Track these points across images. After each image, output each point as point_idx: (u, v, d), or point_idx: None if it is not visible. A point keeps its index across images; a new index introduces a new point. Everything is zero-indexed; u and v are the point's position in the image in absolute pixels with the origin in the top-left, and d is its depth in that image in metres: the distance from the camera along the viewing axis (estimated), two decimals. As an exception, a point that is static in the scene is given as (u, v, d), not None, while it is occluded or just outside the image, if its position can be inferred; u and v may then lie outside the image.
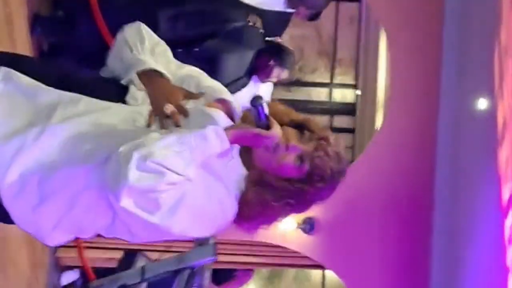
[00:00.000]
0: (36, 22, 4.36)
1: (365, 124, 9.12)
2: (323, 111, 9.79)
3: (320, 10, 4.55)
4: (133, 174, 1.57)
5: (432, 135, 5.75)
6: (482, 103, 5.26)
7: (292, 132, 1.85)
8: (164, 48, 1.97)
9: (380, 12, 6.32)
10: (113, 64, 1.92)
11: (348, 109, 9.69)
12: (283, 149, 1.80)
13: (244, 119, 1.89)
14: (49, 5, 4.64)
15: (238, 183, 1.82)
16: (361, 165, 6.08)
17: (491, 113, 5.03)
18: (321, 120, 9.82)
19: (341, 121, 9.87)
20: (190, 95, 1.85)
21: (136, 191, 1.59)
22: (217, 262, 2.91)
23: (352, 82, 9.74)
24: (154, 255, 3.88)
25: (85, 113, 1.70)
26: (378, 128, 7.91)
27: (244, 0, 4.16)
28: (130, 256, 3.64)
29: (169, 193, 1.62)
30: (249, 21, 4.12)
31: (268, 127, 1.74)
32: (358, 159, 6.40)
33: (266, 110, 1.74)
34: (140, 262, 3.38)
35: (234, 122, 1.86)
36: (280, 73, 4.52)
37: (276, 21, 4.40)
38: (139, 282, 3.27)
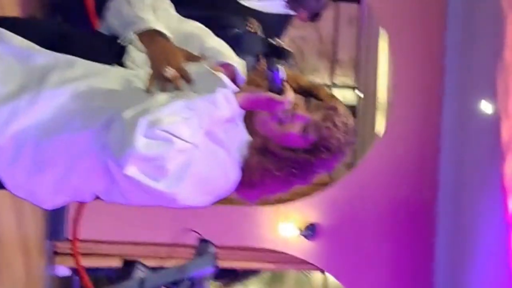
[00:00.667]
0: None
1: (366, 126, 9.06)
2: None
3: (320, 11, 4.47)
4: (140, 142, 1.48)
5: (435, 140, 5.71)
6: (486, 106, 5.20)
7: (299, 99, 1.75)
8: (166, 3, 1.86)
9: (380, 12, 6.26)
10: (111, 20, 1.80)
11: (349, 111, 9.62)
12: (289, 117, 1.71)
13: (250, 82, 1.77)
14: (46, 9, 4.54)
15: (241, 149, 1.74)
16: (363, 171, 6.03)
17: (496, 117, 4.97)
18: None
19: (341, 122, 9.81)
20: (192, 57, 1.73)
21: (142, 159, 1.50)
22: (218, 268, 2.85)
23: (352, 83, 9.70)
24: (153, 261, 3.80)
25: (82, 76, 1.60)
26: (379, 130, 7.86)
27: (244, 3, 4.10)
28: (128, 265, 3.56)
29: (176, 160, 1.54)
30: (249, 27, 4.05)
31: (281, 91, 1.65)
32: (360, 164, 6.34)
33: (283, 75, 1.64)
34: (139, 272, 3.31)
35: (237, 88, 1.71)
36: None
37: (276, 24, 4.34)
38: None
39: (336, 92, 9.79)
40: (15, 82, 1.56)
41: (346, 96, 9.88)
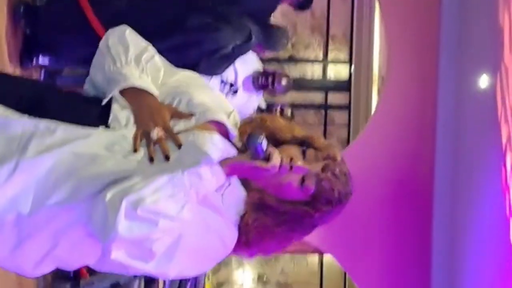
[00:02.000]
0: (20, 10, 4.12)
1: (360, 100, 9.03)
2: (318, 88, 9.71)
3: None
4: (123, 225, 1.42)
5: (432, 113, 5.64)
6: (483, 79, 5.14)
7: (295, 150, 1.68)
8: (151, 54, 1.74)
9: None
10: (94, 75, 1.72)
11: (343, 86, 9.58)
12: (287, 169, 1.61)
13: (243, 128, 1.72)
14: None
15: (237, 207, 1.66)
16: (358, 148, 5.97)
17: (493, 89, 4.92)
18: (316, 97, 9.82)
19: (336, 97, 9.78)
20: (179, 115, 1.65)
21: (128, 242, 1.44)
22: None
23: (346, 58, 9.64)
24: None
25: (64, 142, 1.51)
26: (374, 106, 7.80)
27: None
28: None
29: (162, 241, 1.48)
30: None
31: (267, 158, 1.57)
32: (355, 140, 6.28)
33: (265, 145, 1.57)
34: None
35: (230, 141, 1.67)
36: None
37: (264, 7, 4.30)
38: (132, 280, 3.16)
39: (330, 67, 9.73)
40: None
41: (340, 71, 9.82)
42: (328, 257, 10.51)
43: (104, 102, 1.62)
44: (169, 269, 1.53)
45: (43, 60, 4.30)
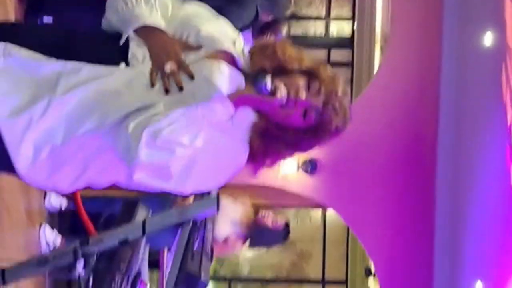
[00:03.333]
0: None
1: (363, 58, 9.00)
2: (320, 45, 9.67)
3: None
4: (144, 153, 1.64)
5: (435, 71, 5.64)
6: (487, 37, 5.14)
7: (301, 80, 1.82)
8: None
9: None
10: (110, 17, 1.86)
11: (346, 43, 9.54)
12: (292, 103, 1.78)
13: (256, 57, 1.86)
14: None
15: (247, 125, 1.83)
16: (362, 105, 5.99)
17: (498, 43, 4.91)
18: (318, 55, 9.79)
19: (338, 55, 9.76)
20: (189, 47, 1.81)
21: (148, 166, 1.67)
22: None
23: (349, 15, 9.58)
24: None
25: (88, 80, 1.69)
26: (377, 63, 7.79)
27: None
28: (130, 206, 3.58)
29: (178, 164, 1.69)
30: None
31: (273, 93, 1.75)
32: (358, 99, 6.30)
33: (269, 84, 1.73)
34: (140, 213, 3.32)
35: (239, 70, 1.83)
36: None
37: None
38: (140, 237, 3.23)
39: (333, 24, 9.68)
40: (27, 93, 1.67)
41: (342, 28, 9.78)
42: (331, 213, 10.61)
43: (122, 41, 1.78)
44: (185, 186, 1.74)
45: (47, 19, 4.32)
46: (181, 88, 1.73)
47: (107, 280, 3.00)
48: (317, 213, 12.04)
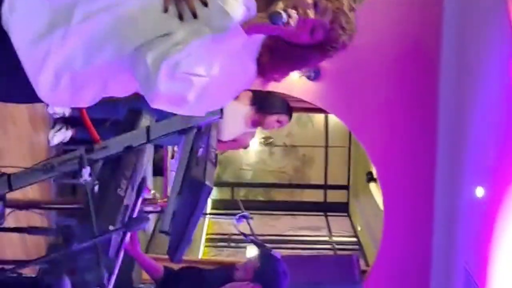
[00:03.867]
0: None
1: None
2: None
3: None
4: (163, 84, 1.70)
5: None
6: None
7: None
8: None
9: None
10: None
11: None
12: (301, 22, 1.80)
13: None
14: None
15: (257, 47, 1.88)
16: (365, 10, 5.87)
17: None
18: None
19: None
20: None
21: (166, 95, 1.73)
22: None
23: None
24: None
25: (104, 8, 1.71)
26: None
27: None
28: (133, 114, 3.57)
29: (195, 90, 1.75)
30: None
31: (287, 23, 1.75)
32: (362, 3, 6.16)
33: (285, 19, 1.72)
34: (144, 121, 3.31)
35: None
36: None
37: None
38: (145, 143, 3.24)
39: None
40: (44, 22, 1.68)
41: None
42: (333, 119, 10.63)
43: None
44: (199, 110, 1.83)
45: None
46: (194, 15, 1.74)
47: (112, 187, 3.03)
48: (319, 118, 12.08)
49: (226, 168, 12.84)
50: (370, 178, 10.61)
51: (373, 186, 10.61)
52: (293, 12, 1.74)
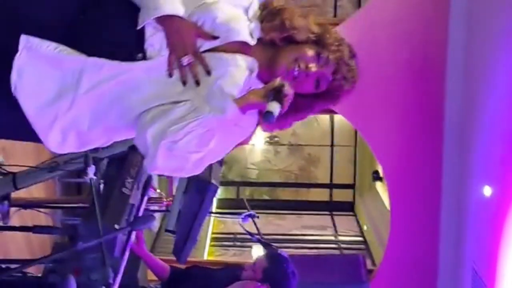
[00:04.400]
0: None
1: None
2: None
3: None
4: (161, 161, 1.77)
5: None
6: None
7: (310, 51, 1.91)
8: None
9: None
10: None
11: None
12: (303, 74, 1.88)
13: (264, 22, 1.93)
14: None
15: None
16: (371, 10, 5.87)
17: None
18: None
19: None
20: (205, 36, 1.86)
21: (165, 168, 1.81)
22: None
23: None
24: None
25: (110, 78, 1.78)
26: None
27: None
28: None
29: (192, 162, 1.82)
30: None
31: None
32: (367, 4, 6.15)
33: (276, 114, 1.78)
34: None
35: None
36: None
37: None
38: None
39: None
40: (52, 89, 1.78)
41: None
42: (339, 117, 10.61)
43: (139, 27, 1.82)
44: (198, 171, 1.85)
45: None
46: (197, 83, 1.81)
47: (117, 185, 3.01)
48: (324, 117, 12.06)
49: (231, 167, 12.84)
50: (376, 177, 10.58)
51: (379, 185, 10.58)
52: (289, 89, 1.80)
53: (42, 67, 1.78)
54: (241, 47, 1.88)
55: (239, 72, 1.85)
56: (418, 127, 5.99)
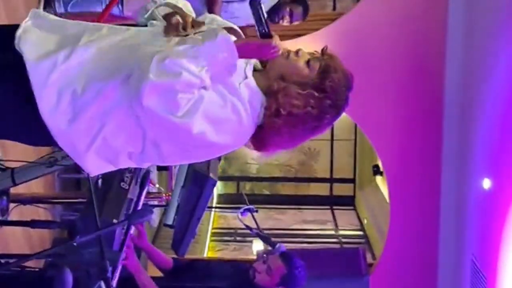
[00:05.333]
0: None
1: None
2: None
3: None
4: (153, 73, 1.74)
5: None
6: None
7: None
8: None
9: None
10: None
11: None
12: (294, 54, 1.97)
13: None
14: None
15: (255, 99, 1.95)
16: (370, 3, 5.84)
17: None
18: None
19: None
20: (197, 23, 1.99)
21: (156, 91, 1.75)
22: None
23: None
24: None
25: (109, 35, 1.90)
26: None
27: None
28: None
29: (186, 94, 1.77)
30: None
31: (270, 36, 1.88)
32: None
33: (264, 12, 1.87)
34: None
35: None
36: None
37: None
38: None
39: None
40: (53, 44, 1.87)
41: None
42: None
43: (146, 16, 2.04)
44: (191, 123, 1.79)
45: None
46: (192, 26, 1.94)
47: (116, 181, 3.01)
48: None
49: (231, 162, 12.83)
50: (376, 171, 10.57)
51: (379, 179, 10.58)
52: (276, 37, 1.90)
53: (46, 28, 1.91)
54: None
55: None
56: (418, 121, 5.98)
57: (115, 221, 2.70)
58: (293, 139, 2.02)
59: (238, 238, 10.56)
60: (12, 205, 3.88)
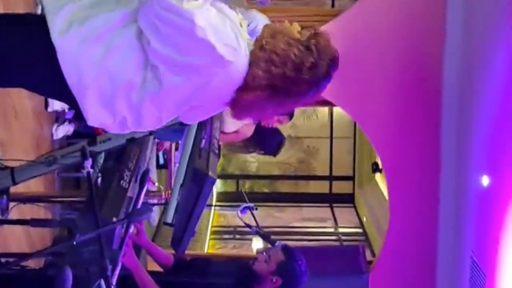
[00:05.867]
0: None
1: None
2: None
3: None
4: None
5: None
6: None
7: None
8: None
9: None
10: None
11: None
12: (287, 23, 2.11)
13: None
14: None
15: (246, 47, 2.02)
16: (372, 2, 5.85)
17: None
18: None
19: None
20: None
21: None
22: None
23: None
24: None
25: None
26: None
27: None
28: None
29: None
30: None
31: None
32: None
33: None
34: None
35: None
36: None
37: None
38: (148, 135, 3.24)
39: None
40: None
41: None
42: (338, 109, 10.60)
43: None
44: (196, 15, 1.85)
45: None
46: None
47: (115, 178, 3.02)
48: (323, 109, 12.05)
49: (231, 161, 12.84)
50: (376, 168, 10.58)
51: (378, 177, 10.59)
52: None
53: None
54: None
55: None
56: (417, 118, 5.98)
57: (114, 219, 2.70)
58: (270, 91, 2.05)
59: (237, 236, 10.57)
60: (11, 204, 3.88)
